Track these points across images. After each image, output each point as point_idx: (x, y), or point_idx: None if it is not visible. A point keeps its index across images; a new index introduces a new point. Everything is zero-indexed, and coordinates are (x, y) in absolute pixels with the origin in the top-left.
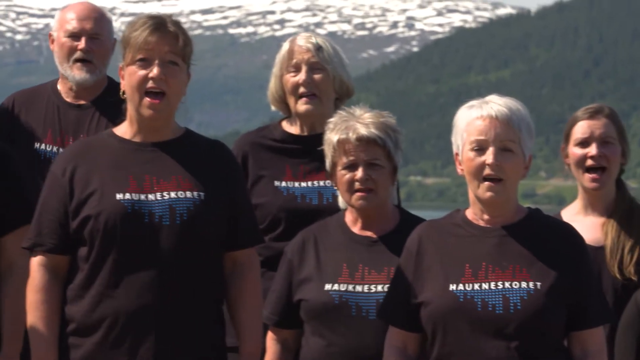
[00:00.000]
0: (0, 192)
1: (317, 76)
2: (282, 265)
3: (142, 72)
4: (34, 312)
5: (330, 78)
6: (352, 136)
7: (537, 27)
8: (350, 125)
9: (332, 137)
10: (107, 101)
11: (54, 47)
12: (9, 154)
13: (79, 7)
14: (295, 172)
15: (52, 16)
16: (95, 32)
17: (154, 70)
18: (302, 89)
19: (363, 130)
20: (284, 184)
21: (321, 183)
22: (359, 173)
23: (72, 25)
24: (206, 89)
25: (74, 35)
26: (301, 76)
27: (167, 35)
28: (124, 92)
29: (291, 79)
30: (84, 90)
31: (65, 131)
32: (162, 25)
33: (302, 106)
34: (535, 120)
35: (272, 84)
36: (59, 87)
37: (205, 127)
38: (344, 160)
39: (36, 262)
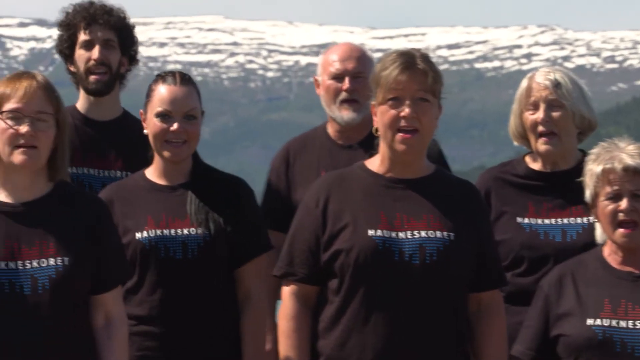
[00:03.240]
0: (239, 225)
1: (555, 114)
2: (537, 300)
3: (394, 112)
4: (285, 340)
5: (570, 114)
6: (617, 166)
7: None
8: (615, 155)
9: (595, 167)
10: (375, 140)
11: (321, 92)
12: (244, 186)
13: (341, 48)
14: (538, 208)
15: (302, 53)
16: (358, 71)
17: (405, 110)
18: (540, 128)
19: (629, 160)
20: (526, 220)
21: (565, 220)
22: (624, 204)
23: (335, 67)
24: (452, 124)
25: (338, 77)
26: (539, 114)
27: (416, 73)
28: (377, 130)
29: (530, 117)
30: (353, 130)
31: None
32: (411, 64)
33: (541, 146)
34: None
35: (512, 121)
36: (329, 130)
37: (450, 162)
38: (608, 190)
39: (287, 291)
